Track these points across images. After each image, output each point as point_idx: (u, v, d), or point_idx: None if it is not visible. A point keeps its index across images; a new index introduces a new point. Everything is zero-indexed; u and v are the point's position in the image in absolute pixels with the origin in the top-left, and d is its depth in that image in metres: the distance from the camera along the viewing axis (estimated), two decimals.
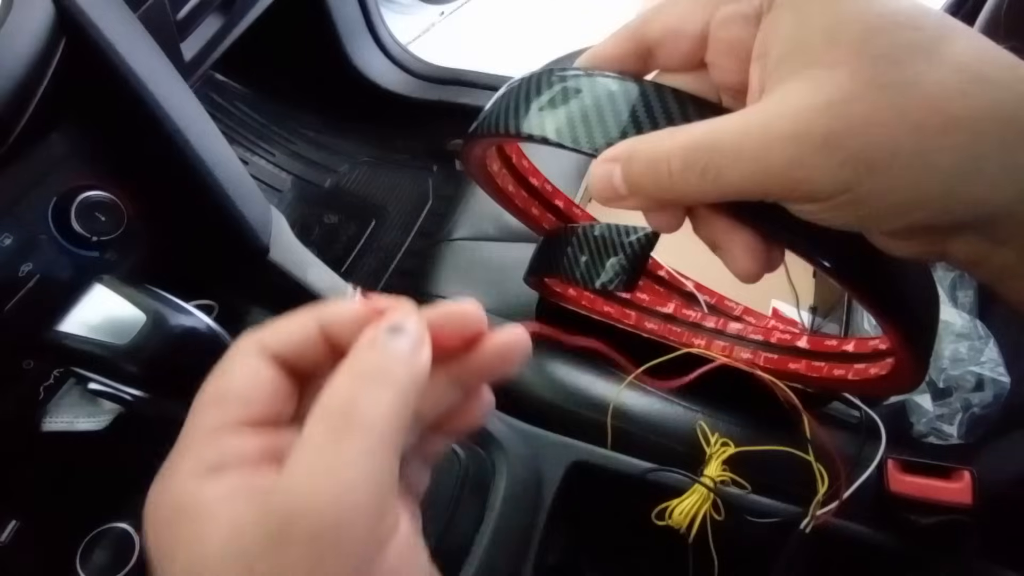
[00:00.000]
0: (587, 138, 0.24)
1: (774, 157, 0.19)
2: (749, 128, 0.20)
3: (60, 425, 0.43)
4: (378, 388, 0.19)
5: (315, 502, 0.17)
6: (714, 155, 0.20)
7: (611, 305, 0.59)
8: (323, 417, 0.19)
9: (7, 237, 0.37)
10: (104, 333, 0.34)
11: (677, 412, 0.58)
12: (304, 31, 1.09)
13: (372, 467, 0.18)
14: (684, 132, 0.21)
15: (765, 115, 0.20)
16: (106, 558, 0.42)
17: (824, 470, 0.48)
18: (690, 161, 0.20)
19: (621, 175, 0.22)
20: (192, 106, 0.46)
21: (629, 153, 0.22)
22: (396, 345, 0.20)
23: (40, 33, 0.35)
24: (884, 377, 0.42)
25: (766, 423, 0.54)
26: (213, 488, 0.19)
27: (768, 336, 0.54)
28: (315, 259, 0.56)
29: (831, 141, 0.18)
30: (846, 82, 0.18)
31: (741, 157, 0.19)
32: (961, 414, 0.62)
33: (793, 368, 0.51)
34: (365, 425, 0.18)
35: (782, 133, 0.19)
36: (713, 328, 0.57)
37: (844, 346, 0.48)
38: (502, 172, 0.46)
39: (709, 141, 0.20)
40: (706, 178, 0.20)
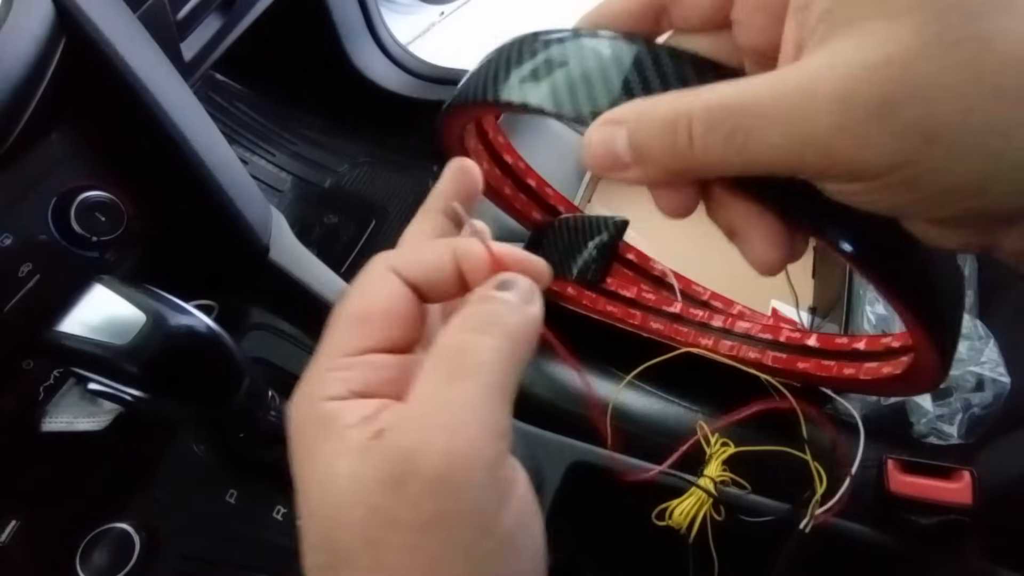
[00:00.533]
0: (572, 104, 0.21)
1: (815, 122, 0.16)
2: (787, 88, 0.17)
3: (60, 425, 0.43)
4: (488, 335, 0.19)
5: (434, 440, 0.17)
6: (744, 118, 0.17)
7: (615, 305, 0.59)
8: (436, 360, 0.19)
9: (7, 237, 0.37)
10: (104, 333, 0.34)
11: (677, 412, 0.58)
12: (304, 31, 1.08)
13: (486, 412, 0.18)
14: (708, 91, 0.18)
15: (806, 75, 0.17)
16: (106, 558, 0.42)
17: (823, 470, 0.48)
18: (715, 123, 0.17)
19: (627, 139, 0.19)
20: (192, 106, 0.46)
21: (639, 113, 0.19)
22: (505, 297, 0.20)
23: (40, 33, 0.35)
24: (898, 377, 0.41)
25: (765, 423, 0.54)
26: (351, 412, 0.19)
27: (776, 335, 0.53)
28: (315, 259, 0.56)
29: (887, 106, 0.15)
30: (909, 37, 0.15)
31: (776, 121, 0.17)
32: (961, 414, 0.62)
33: (802, 367, 0.50)
34: (475, 369, 0.18)
35: (827, 94, 0.16)
36: (720, 327, 0.56)
37: (855, 344, 0.47)
38: (478, 148, 0.44)
39: (739, 101, 0.17)
40: (731, 144, 0.17)
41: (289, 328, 0.53)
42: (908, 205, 0.17)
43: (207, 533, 0.45)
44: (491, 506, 0.18)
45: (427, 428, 0.18)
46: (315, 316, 0.53)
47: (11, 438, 0.42)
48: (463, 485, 0.17)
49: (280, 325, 0.53)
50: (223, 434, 0.45)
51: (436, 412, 0.18)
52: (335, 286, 0.54)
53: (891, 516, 0.47)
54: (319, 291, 0.53)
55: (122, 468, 0.46)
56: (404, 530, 0.17)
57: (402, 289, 0.22)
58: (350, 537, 0.18)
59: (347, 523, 0.18)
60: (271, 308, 0.54)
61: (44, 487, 0.44)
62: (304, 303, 0.53)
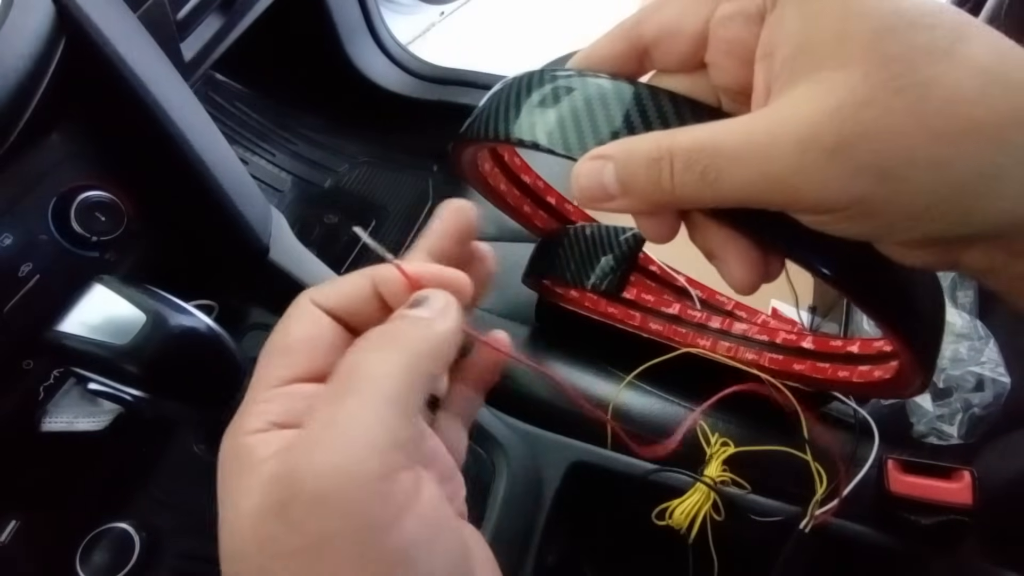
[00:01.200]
0: (578, 142, 0.23)
1: (778, 164, 0.18)
2: (753, 132, 0.19)
3: (60, 425, 0.43)
4: (382, 351, 0.19)
5: (315, 460, 0.17)
6: (716, 158, 0.19)
7: (615, 306, 0.59)
8: (330, 381, 0.19)
9: (7, 237, 0.37)
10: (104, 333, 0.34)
11: (677, 412, 0.58)
12: (304, 31, 1.09)
13: (373, 424, 0.18)
14: (686, 132, 0.20)
15: (771, 119, 0.19)
16: (106, 558, 0.42)
17: (823, 470, 0.48)
18: (691, 162, 0.19)
19: (614, 173, 0.21)
20: (192, 106, 0.46)
21: (626, 150, 0.21)
22: (414, 313, 0.21)
23: (40, 33, 0.35)
24: (888, 381, 0.42)
25: (765, 423, 0.54)
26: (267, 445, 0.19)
27: (773, 337, 0.54)
28: (315, 259, 0.56)
29: (842, 149, 0.17)
30: (858, 85, 0.17)
31: (744, 162, 0.18)
32: (961, 414, 0.62)
33: (798, 369, 0.51)
34: (365, 384, 0.18)
35: (788, 139, 0.18)
36: (718, 328, 0.57)
37: (848, 347, 0.48)
38: (494, 171, 0.45)
39: (712, 143, 0.19)
40: (705, 181, 0.19)
41: None
42: (871, 232, 0.19)
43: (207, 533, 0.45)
44: (380, 522, 0.17)
45: (310, 448, 0.18)
46: None
47: (11, 438, 0.42)
48: (343, 502, 0.17)
49: None
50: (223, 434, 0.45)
51: (321, 431, 0.18)
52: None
53: (891, 516, 0.47)
54: None
55: (122, 468, 0.46)
56: (289, 557, 0.17)
57: (323, 319, 0.22)
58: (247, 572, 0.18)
59: (244, 556, 0.18)
60: (271, 308, 0.54)
61: (44, 487, 0.44)
62: None
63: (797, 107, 0.18)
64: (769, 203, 0.19)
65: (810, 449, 0.49)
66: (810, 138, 0.17)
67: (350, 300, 0.23)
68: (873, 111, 0.17)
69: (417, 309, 0.21)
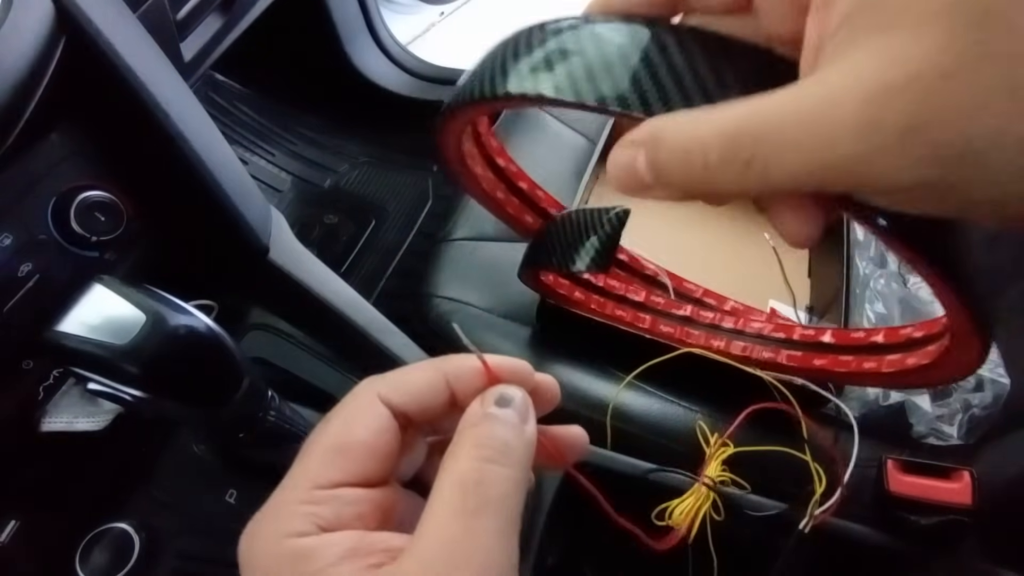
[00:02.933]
0: (591, 89, 0.20)
1: (838, 150, 0.15)
2: (804, 112, 0.16)
3: (59, 425, 0.42)
4: (503, 465, 0.19)
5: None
6: (761, 145, 0.16)
7: (624, 309, 0.58)
8: (454, 493, 0.19)
9: (7, 237, 0.37)
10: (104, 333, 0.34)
11: (677, 412, 0.58)
12: (304, 31, 1.09)
13: (508, 544, 0.18)
14: (722, 113, 0.17)
15: (825, 94, 0.16)
16: (106, 558, 0.42)
17: (822, 470, 0.48)
18: (731, 151, 0.17)
19: (646, 162, 0.18)
20: (192, 106, 0.46)
21: (655, 136, 0.18)
22: (506, 416, 0.20)
23: (40, 33, 0.35)
24: (928, 365, 0.39)
25: (765, 423, 0.54)
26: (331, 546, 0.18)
27: (790, 333, 0.53)
28: (315, 259, 0.56)
29: (916, 129, 0.14)
30: (938, 50, 0.14)
31: (795, 147, 0.16)
32: (961, 415, 0.62)
33: (819, 364, 0.49)
34: (497, 503, 0.18)
35: (849, 120, 0.15)
36: (732, 328, 0.56)
37: (873, 337, 0.46)
38: (472, 151, 0.43)
39: (755, 127, 0.16)
40: (751, 172, 0.17)
41: (289, 328, 0.53)
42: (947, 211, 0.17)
43: (207, 533, 0.45)
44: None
45: (455, 565, 0.17)
46: (315, 316, 0.53)
47: (11, 438, 0.42)
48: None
49: (280, 325, 0.53)
50: (223, 434, 0.45)
51: (462, 548, 0.17)
52: (335, 286, 0.54)
53: (891, 516, 0.47)
54: (319, 291, 0.53)
55: (122, 468, 0.46)
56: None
57: (389, 422, 0.21)
58: None
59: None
60: (271, 308, 0.54)
61: (44, 487, 0.44)
62: (304, 303, 0.53)
63: (860, 77, 0.15)
64: (825, 189, 0.17)
65: (809, 449, 0.49)
66: (877, 118, 0.15)
67: (422, 397, 0.22)
68: (957, 84, 0.14)
69: (507, 411, 0.20)
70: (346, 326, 0.52)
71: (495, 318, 0.67)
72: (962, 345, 0.33)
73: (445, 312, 0.67)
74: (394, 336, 0.53)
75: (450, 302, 0.68)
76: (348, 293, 0.55)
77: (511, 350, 0.64)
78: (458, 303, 0.68)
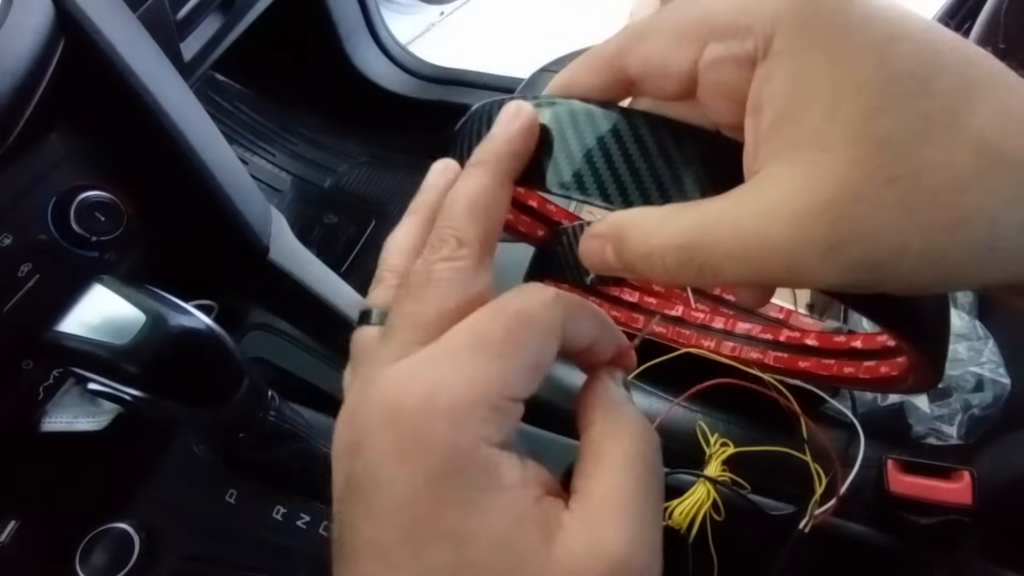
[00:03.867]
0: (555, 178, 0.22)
1: (771, 263, 0.18)
2: (742, 231, 0.18)
3: (60, 425, 0.43)
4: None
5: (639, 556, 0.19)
6: (709, 257, 0.19)
7: (618, 310, 0.59)
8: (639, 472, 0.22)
9: (7, 237, 0.37)
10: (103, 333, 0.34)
11: (677, 413, 0.58)
12: (304, 31, 1.09)
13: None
14: (674, 225, 0.20)
15: (759, 211, 0.18)
16: (106, 558, 0.42)
17: (822, 470, 0.48)
18: (684, 260, 0.19)
19: (613, 254, 0.21)
20: (192, 106, 0.46)
21: (618, 235, 0.21)
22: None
23: (40, 33, 0.35)
24: (895, 377, 0.41)
25: (765, 424, 0.54)
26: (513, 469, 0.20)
27: (776, 335, 0.54)
28: (315, 259, 0.56)
29: (834, 249, 0.17)
30: (848, 175, 0.16)
31: (738, 260, 0.18)
32: (961, 415, 0.62)
33: (803, 366, 0.50)
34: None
35: (780, 238, 0.17)
36: (722, 329, 0.56)
37: (852, 343, 0.47)
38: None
39: (701, 242, 0.19)
40: (704, 275, 0.19)
41: (289, 328, 0.53)
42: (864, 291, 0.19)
43: (207, 533, 0.45)
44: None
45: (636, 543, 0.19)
46: (315, 316, 0.53)
47: (11, 438, 0.42)
48: None
49: (280, 325, 0.53)
50: (223, 434, 0.45)
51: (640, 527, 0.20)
52: (335, 286, 0.54)
53: (891, 516, 0.47)
54: (319, 291, 0.53)
55: (122, 468, 0.46)
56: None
57: (555, 347, 0.23)
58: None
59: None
60: (271, 308, 0.54)
61: (44, 487, 0.44)
62: (304, 303, 0.53)
63: (784, 197, 0.17)
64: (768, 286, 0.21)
65: (809, 449, 0.49)
66: (802, 239, 0.17)
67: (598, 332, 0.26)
68: (864, 207, 0.16)
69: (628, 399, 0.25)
70: (346, 326, 0.52)
71: None
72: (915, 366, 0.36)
73: None
74: None
75: None
76: (348, 293, 0.55)
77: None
78: None
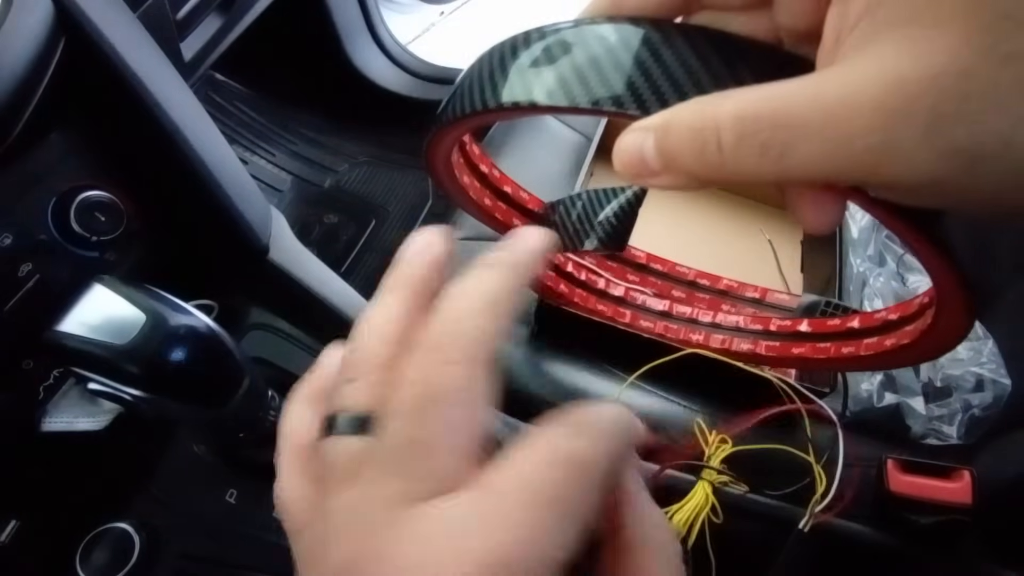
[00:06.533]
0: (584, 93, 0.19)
1: (859, 139, 0.15)
2: (826, 97, 0.15)
3: (60, 425, 0.43)
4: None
5: None
6: (779, 130, 0.16)
7: (605, 304, 0.59)
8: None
9: (7, 237, 0.37)
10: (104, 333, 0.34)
11: (677, 412, 0.58)
12: (304, 31, 1.09)
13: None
14: (739, 96, 0.17)
15: (849, 82, 0.15)
16: (106, 558, 0.42)
17: (822, 469, 0.48)
18: (747, 134, 0.16)
19: (655, 146, 0.18)
20: (192, 106, 0.46)
21: (667, 120, 0.18)
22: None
23: (40, 33, 0.35)
24: (908, 345, 0.39)
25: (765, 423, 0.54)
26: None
27: (766, 325, 0.53)
28: (315, 259, 0.56)
29: (937, 127, 0.14)
30: (959, 47, 0.14)
31: (814, 134, 0.15)
32: (961, 415, 0.62)
33: (797, 353, 0.49)
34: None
35: (872, 109, 0.15)
36: (710, 322, 0.56)
37: (848, 323, 0.46)
38: (459, 161, 0.42)
39: (773, 111, 0.16)
40: (766, 158, 0.16)
41: (289, 328, 0.53)
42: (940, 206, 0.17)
43: (207, 533, 0.45)
44: None
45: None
46: (315, 316, 0.53)
47: (11, 438, 0.42)
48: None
49: (280, 325, 0.53)
50: (223, 434, 0.45)
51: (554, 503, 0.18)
52: (335, 286, 0.54)
53: (891, 516, 0.47)
54: (319, 291, 0.53)
55: (122, 468, 0.46)
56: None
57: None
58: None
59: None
60: (271, 308, 0.54)
61: (44, 487, 0.44)
62: (304, 303, 0.53)
63: (881, 70, 0.15)
64: (839, 180, 0.17)
65: (811, 448, 0.49)
66: (900, 111, 0.15)
67: None
68: (976, 84, 0.14)
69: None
70: (346, 326, 0.52)
71: None
72: (948, 317, 0.33)
73: None
74: None
75: None
76: (348, 293, 0.55)
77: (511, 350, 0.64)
78: None
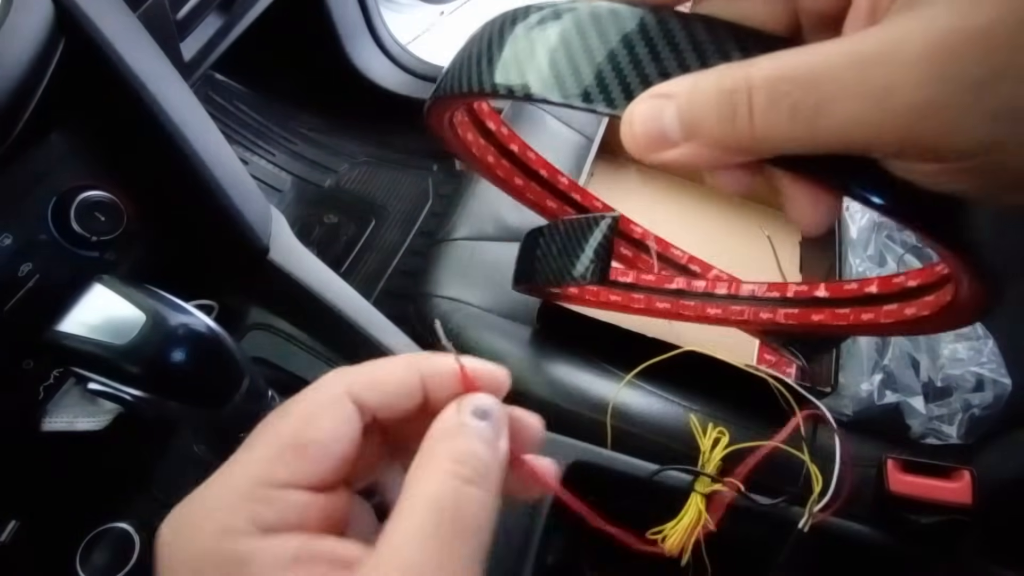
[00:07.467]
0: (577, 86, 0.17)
1: (901, 96, 0.13)
2: (865, 53, 0.14)
3: (60, 425, 0.42)
4: (481, 488, 0.18)
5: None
6: (813, 88, 0.14)
7: (617, 293, 0.58)
8: (428, 514, 0.17)
9: (7, 237, 0.37)
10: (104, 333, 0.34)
11: (676, 411, 0.58)
12: (304, 31, 1.09)
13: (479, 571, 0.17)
14: (767, 59, 0.15)
15: (892, 37, 0.14)
16: (106, 558, 0.42)
17: (820, 469, 0.48)
18: (779, 94, 0.15)
19: (676, 113, 0.16)
20: (192, 106, 0.46)
21: (691, 84, 0.16)
22: (483, 430, 0.19)
23: (40, 33, 0.35)
24: (928, 317, 0.38)
25: (764, 422, 0.54)
26: (272, 551, 0.17)
27: (784, 291, 0.51)
28: (315, 259, 0.56)
29: (990, 83, 0.13)
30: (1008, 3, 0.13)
31: (852, 92, 0.14)
32: (961, 415, 0.62)
33: (817, 319, 0.48)
34: (475, 529, 0.17)
35: (917, 63, 0.13)
36: (726, 294, 0.54)
37: (867, 288, 0.44)
38: (478, 142, 0.42)
39: (807, 69, 0.14)
40: (798, 119, 0.14)
41: (289, 328, 0.53)
42: (981, 189, 0.15)
43: None
44: None
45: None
46: (315, 316, 0.53)
47: (11, 438, 0.42)
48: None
49: (280, 325, 0.53)
50: (223, 434, 0.45)
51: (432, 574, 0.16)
52: (335, 286, 0.54)
53: (891, 516, 0.47)
54: (319, 291, 0.53)
55: (122, 468, 0.46)
56: None
57: (354, 423, 0.19)
58: None
59: None
60: (271, 308, 0.54)
61: (44, 487, 0.44)
62: (304, 303, 0.53)
63: (928, 24, 0.13)
64: (876, 148, 0.15)
65: (808, 448, 0.49)
66: (949, 64, 0.13)
67: (396, 397, 0.20)
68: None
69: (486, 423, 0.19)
70: (346, 326, 0.52)
71: (495, 318, 0.67)
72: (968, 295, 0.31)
73: (445, 312, 0.67)
74: (394, 336, 0.53)
75: (450, 302, 0.68)
76: (348, 293, 0.55)
77: (511, 350, 0.64)
78: (458, 303, 0.68)
